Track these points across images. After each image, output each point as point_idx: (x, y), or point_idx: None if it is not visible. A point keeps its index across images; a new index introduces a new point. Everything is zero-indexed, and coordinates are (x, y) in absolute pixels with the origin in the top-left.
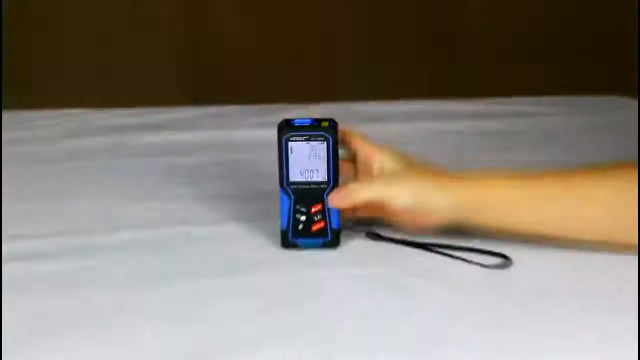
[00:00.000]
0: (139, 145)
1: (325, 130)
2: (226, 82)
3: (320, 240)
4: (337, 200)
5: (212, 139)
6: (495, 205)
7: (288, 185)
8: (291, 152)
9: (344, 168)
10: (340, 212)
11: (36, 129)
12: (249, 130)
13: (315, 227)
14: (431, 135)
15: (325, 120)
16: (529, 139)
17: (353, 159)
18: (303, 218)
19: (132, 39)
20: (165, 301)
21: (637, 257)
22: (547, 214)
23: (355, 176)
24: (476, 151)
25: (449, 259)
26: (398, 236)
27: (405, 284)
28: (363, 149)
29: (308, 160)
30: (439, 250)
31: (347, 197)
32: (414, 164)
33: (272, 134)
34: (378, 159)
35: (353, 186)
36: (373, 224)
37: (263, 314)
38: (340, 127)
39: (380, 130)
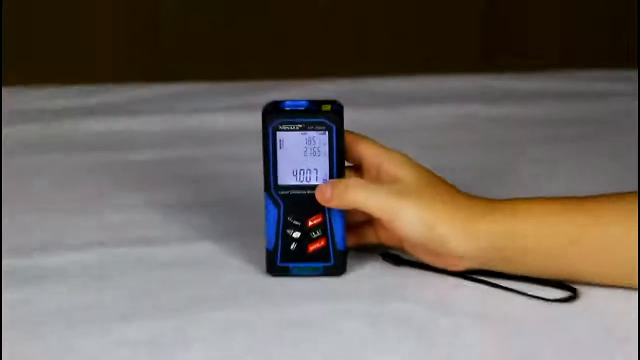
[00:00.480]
0: (79, 135)
1: (326, 116)
2: (196, 53)
3: (319, 265)
4: (328, 194)
5: (175, 127)
6: (537, 247)
7: (276, 191)
8: (281, 146)
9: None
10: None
11: None
12: (225, 115)
13: (313, 247)
14: (465, 121)
15: (327, 102)
16: (586, 129)
17: (358, 168)
18: (297, 235)
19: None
20: (112, 348)
21: None
22: (591, 255)
23: None
24: (525, 146)
25: (494, 291)
26: None
27: (435, 324)
28: (372, 154)
29: (303, 157)
30: (481, 278)
31: (343, 193)
32: (435, 182)
33: (256, 120)
34: (390, 165)
35: (352, 182)
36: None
37: None
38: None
39: (399, 115)
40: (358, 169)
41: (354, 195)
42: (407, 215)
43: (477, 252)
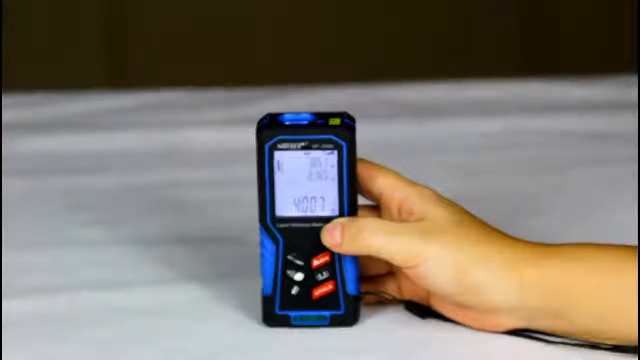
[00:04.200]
0: (26, 156)
1: (335, 132)
2: (172, 55)
3: (327, 314)
4: (338, 238)
5: (149, 145)
6: (594, 303)
7: (274, 224)
8: (279, 169)
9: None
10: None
11: None
12: (211, 131)
13: (319, 292)
14: (503, 138)
15: (336, 115)
16: None
17: (375, 206)
18: (299, 277)
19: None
20: None
21: None
22: None
23: None
24: (574, 169)
25: (547, 347)
26: None
27: None
28: (392, 189)
29: (307, 182)
30: (529, 334)
31: (357, 236)
32: (468, 222)
33: (249, 137)
34: (414, 201)
35: (368, 222)
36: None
37: None
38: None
39: (423, 131)
40: (374, 208)
41: (371, 238)
42: (434, 259)
43: (520, 304)
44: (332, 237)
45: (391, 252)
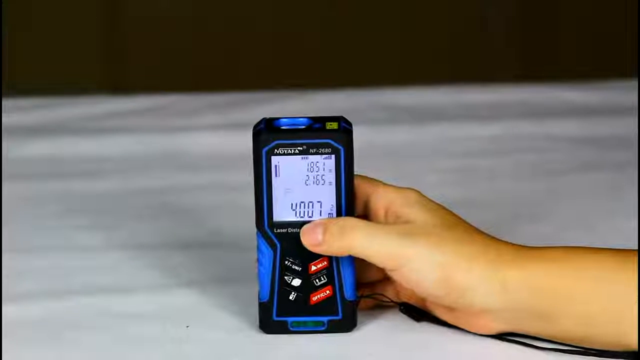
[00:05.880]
0: (22, 160)
1: (332, 136)
2: (170, 59)
3: (324, 319)
4: (318, 237)
5: (147, 149)
6: (579, 307)
7: (271, 228)
8: (277, 173)
9: None
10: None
11: None
12: (208, 135)
13: (316, 297)
14: (498, 143)
15: (333, 119)
16: None
17: (364, 213)
18: (297, 282)
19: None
20: None
21: None
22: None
23: None
24: (567, 174)
25: (543, 355)
26: None
27: None
28: (379, 194)
29: (304, 187)
30: (524, 341)
31: (337, 236)
32: (452, 223)
33: (246, 141)
34: (399, 204)
35: (350, 222)
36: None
37: None
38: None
39: (420, 135)
40: (362, 218)
41: (352, 238)
42: (416, 260)
43: (503, 305)
44: (312, 236)
45: (373, 252)
